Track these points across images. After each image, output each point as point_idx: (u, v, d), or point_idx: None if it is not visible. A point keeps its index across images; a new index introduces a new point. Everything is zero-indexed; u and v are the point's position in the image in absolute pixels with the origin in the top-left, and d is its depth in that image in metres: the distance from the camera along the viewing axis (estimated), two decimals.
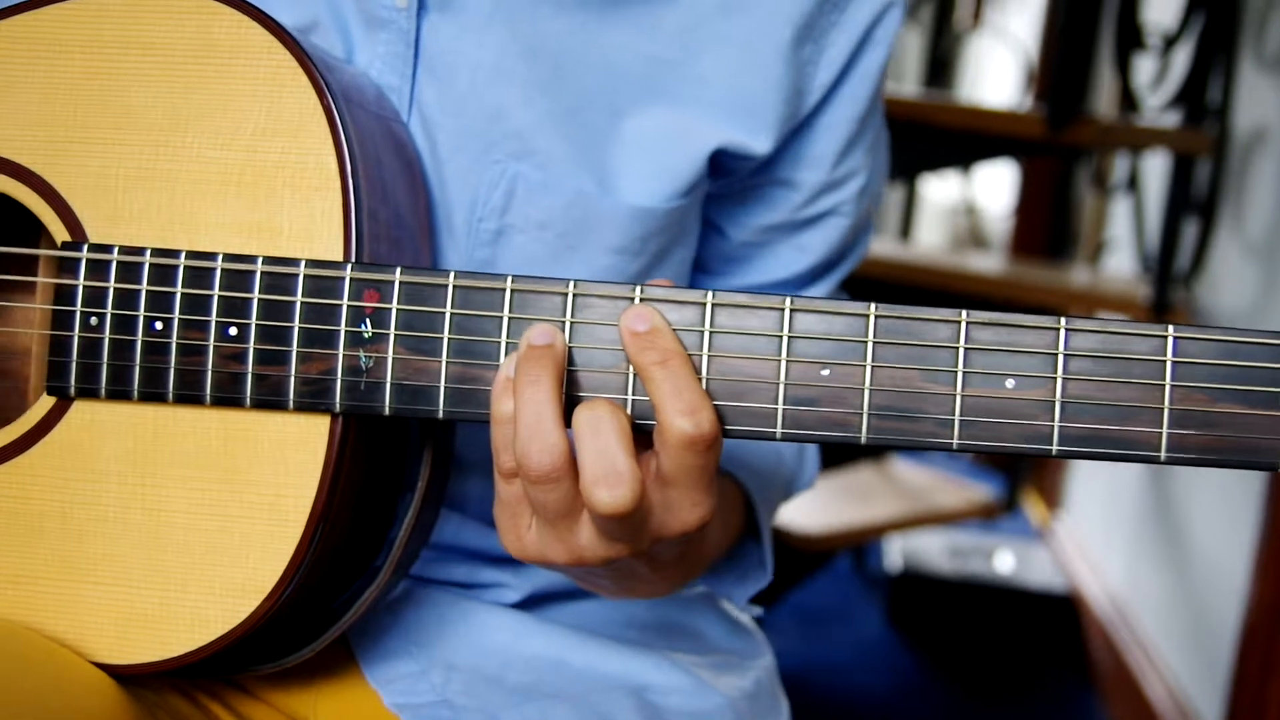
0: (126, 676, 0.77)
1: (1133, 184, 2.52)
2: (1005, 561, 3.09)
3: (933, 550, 3.06)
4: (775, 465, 0.99)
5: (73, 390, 0.75)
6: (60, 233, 0.76)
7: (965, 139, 2.25)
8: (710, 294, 0.70)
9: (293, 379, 0.73)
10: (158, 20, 0.76)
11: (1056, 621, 2.92)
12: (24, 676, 0.71)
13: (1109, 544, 2.98)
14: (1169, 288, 2.23)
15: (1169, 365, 0.68)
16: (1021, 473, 3.05)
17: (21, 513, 0.76)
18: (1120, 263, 3.02)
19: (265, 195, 0.75)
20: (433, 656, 0.89)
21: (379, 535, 0.82)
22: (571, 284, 0.71)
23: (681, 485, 0.69)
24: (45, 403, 0.76)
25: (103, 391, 0.75)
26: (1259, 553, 1.93)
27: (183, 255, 0.74)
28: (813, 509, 2.58)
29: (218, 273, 0.74)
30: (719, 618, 1.00)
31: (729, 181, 0.92)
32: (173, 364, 0.74)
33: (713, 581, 1.00)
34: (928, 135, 2.18)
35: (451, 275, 0.72)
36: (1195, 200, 2.30)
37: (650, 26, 0.85)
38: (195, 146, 0.75)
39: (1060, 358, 0.69)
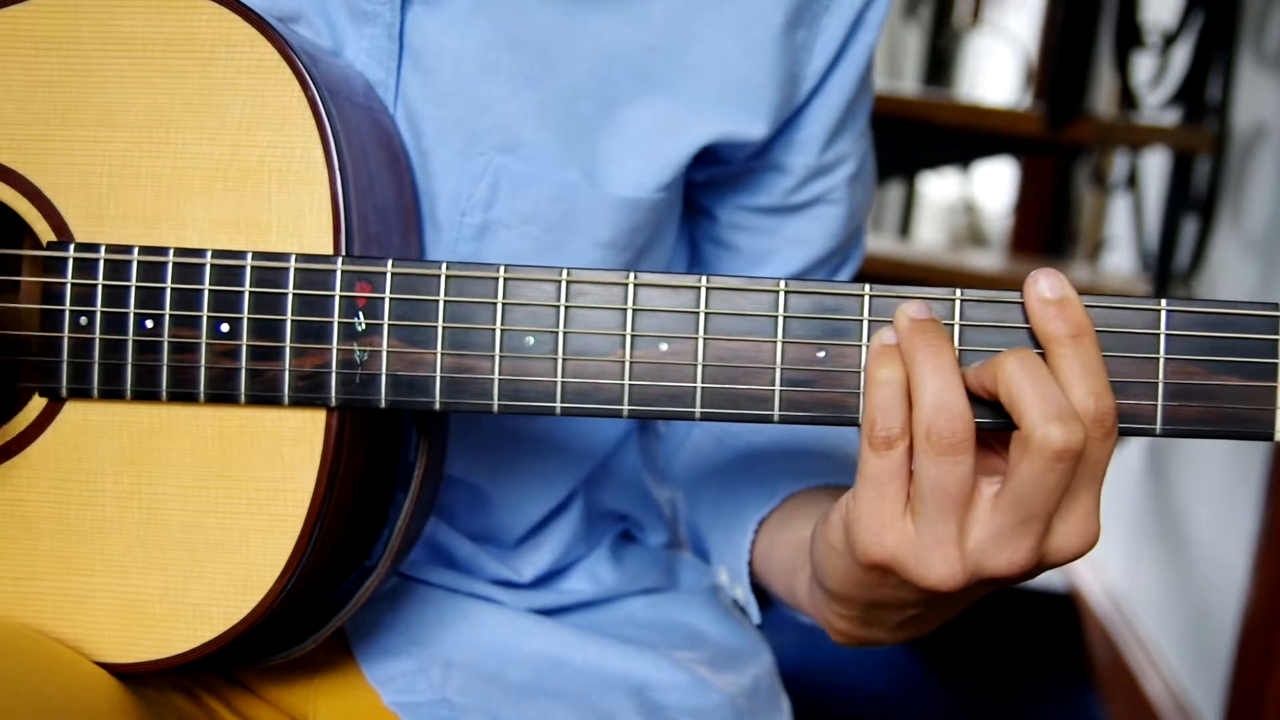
0: (130, 675, 0.76)
1: (1132, 182, 2.52)
2: None
3: None
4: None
5: (64, 391, 0.75)
6: (45, 232, 0.75)
7: (964, 137, 2.25)
8: (704, 278, 0.70)
9: (287, 374, 0.73)
10: (136, 15, 0.75)
11: (1056, 619, 2.92)
12: (28, 675, 0.70)
13: (1108, 541, 2.96)
14: (1168, 285, 2.23)
15: (1163, 338, 0.68)
16: None
17: (18, 515, 0.76)
18: (1119, 260, 3.01)
19: (252, 190, 0.74)
20: (431, 654, 0.88)
21: (377, 525, 0.82)
22: (565, 271, 0.71)
23: (1088, 486, 0.65)
24: (37, 404, 0.76)
25: (95, 392, 0.74)
26: (1258, 550, 1.93)
27: (171, 252, 0.73)
28: None
29: (207, 269, 0.73)
30: (718, 616, 1.00)
31: (725, 168, 0.91)
32: (165, 362, 0.74)
33: None
34: (927, 133, 2.18)
35: (444, 265, 0.71)
36: (1194, 198, 2.30)
37: (640, 15, 0.84)
38: (179, 142, 0.75)
39: None
